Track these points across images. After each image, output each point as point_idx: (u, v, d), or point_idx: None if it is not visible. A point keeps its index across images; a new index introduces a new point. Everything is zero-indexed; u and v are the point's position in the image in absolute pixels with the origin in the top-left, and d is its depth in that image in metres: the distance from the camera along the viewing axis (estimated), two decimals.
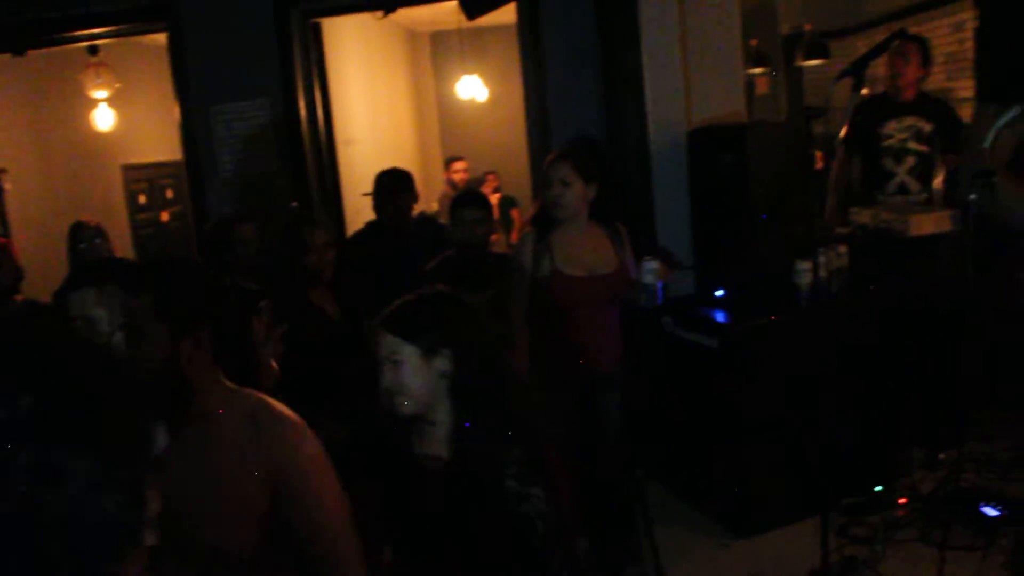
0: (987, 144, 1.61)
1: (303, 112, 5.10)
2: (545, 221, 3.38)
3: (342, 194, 5.66)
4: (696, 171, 4.04)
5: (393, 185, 4.31)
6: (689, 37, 4.22)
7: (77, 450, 0.64)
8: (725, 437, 3.73)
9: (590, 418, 3.41)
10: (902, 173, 4.71)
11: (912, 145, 4.65)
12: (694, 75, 4.24)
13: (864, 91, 7.41)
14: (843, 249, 3.82)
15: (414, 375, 1.90)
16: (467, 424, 1.90)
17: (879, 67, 4.71)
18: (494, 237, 7.18)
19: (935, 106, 4.72)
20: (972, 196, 1.69)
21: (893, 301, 3.90)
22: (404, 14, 8.20)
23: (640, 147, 4.17)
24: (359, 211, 6.27)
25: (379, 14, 5.45)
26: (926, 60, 4.69)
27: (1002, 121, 1.62)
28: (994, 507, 3.57)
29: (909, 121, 4.64)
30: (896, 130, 4.68)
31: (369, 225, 4.47)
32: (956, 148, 4.48)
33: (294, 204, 4.92)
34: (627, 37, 4.18)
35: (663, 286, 3.34)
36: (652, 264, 3.28)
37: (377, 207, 4.35)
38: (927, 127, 4.59)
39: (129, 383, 0.73)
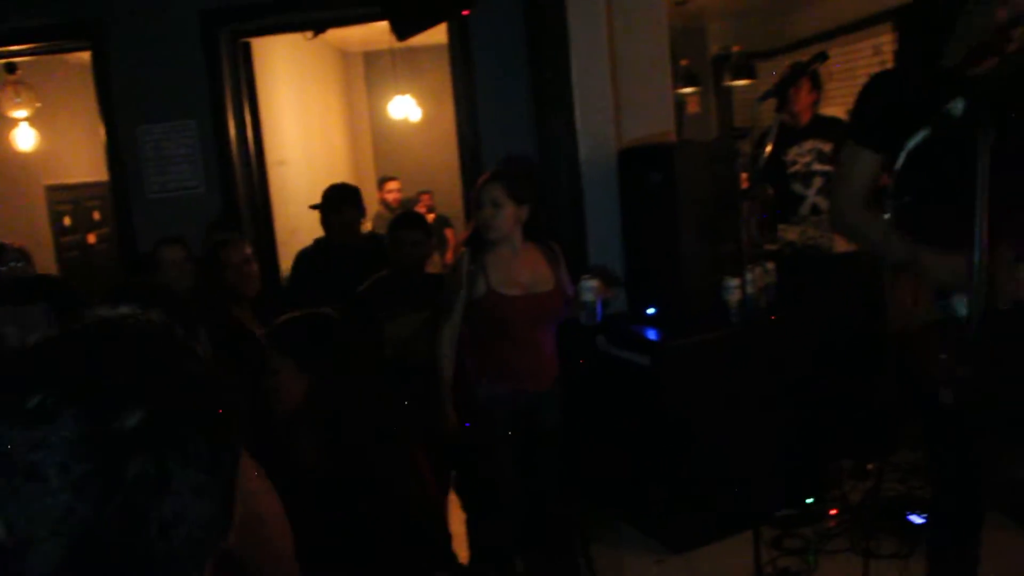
0: (899, 167, 1.65)
1: (233, 132, 5.03)
2: (479, 242, 3.36)
3: (273, 215, 5.59)
4: (626, 190, 4.07)
5: (340, 200, 4.30)
6: (619, 57, 4.27)
7: (184, 460, 0.71)
8: (659, 454, 3.76)
9: (528, 437, 3.40)
10: (812, 195, 4.82)
11: (817, 167, 4.77)
12: (624, 95, 4.29)
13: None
14: (771, 266, 3.89)
15: (289, 384, 2.17)
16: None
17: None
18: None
19: (830, 126, 4.85)
20: (886, 215, 1.73)
21: (819, 316, 3.98)
22: (336, 34, 8.17)
23: (571, 166, 4.20)
24: (293, 232, 6.21)
25: (309, 34, 5.42)
26: (815, 84, 4.83)
27: (912, 143, 1.66)
28: (919, 515, 3.65)
29: (809, 144, 4.77)
30: (799, 155, 4.80)
31: (317, 242, 4.46)
32: None
33: (211, 223, 4.85)
34: (557, 57, 4.21)
35: (603, 304, 3.33)
36: (591, 282, 3.27)
37: (325, 223, 4.33)
38: (827, 147, 4.71)
39: (223, 397, 0.79)
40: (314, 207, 4.36)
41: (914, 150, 1.73)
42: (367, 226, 8.07)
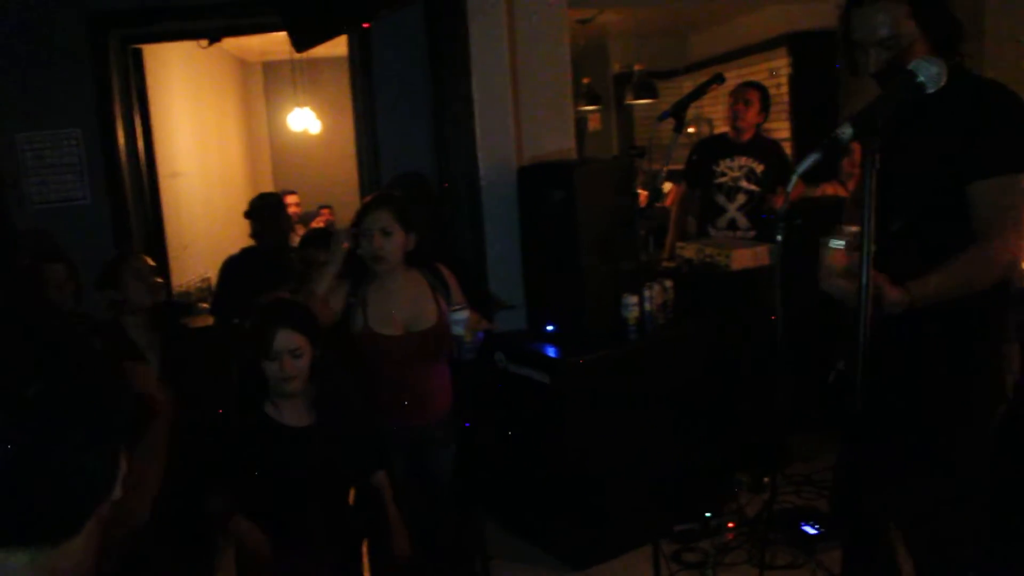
0: (789, 188, 1.68)
1: (122, 142, 4.84)
2: (359, 271, 3.14)
3: (165, 228, 5.40)
4: (526, 207, 4.07)
5: (274, 209, 4.28)
6: (520, 74, 4.27)
7: (73, 423, 0.89)
8: (558, 470, 3.74)
9: (420, 473, 3.27)
10: (732, 210, 4.95)
11: (743, 184, 4.91)
12: (525, 112, 4.29)
13: (691, 129, 7.76)
14: (669, 283, 3.93)
15: None
16: None
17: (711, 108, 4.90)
18: None
19: (769, 148, 5.01)
20: (778, 237, 1.75)
21: (716, 331, 4.04)
22: (235, 43, 7.99)
23: (470, 183, 4.17)
24: (185, 246, 6.03)
25: (204, 43, 5.27)
26: (765, 106, 4.99)
27: (802, 167, 1.69)
28: (812, 525, 3.73)
29: (743, 161, 4.90)
30: (729, 168, 4.93)
31: (244, 251, 4.40)
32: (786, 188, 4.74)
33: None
34: (458, 73, 4.19)
35: (483, 335, 3.19)
36: (461, 315, 3.06)
37: (257, 232, 4.28)
38: (759, 168, 4.85)
39: (112, 377, 0.97)
40: (248, 216, 4.32)
41: (804, 174, 1.75)
42: None
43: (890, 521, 2.41)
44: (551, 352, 3.74)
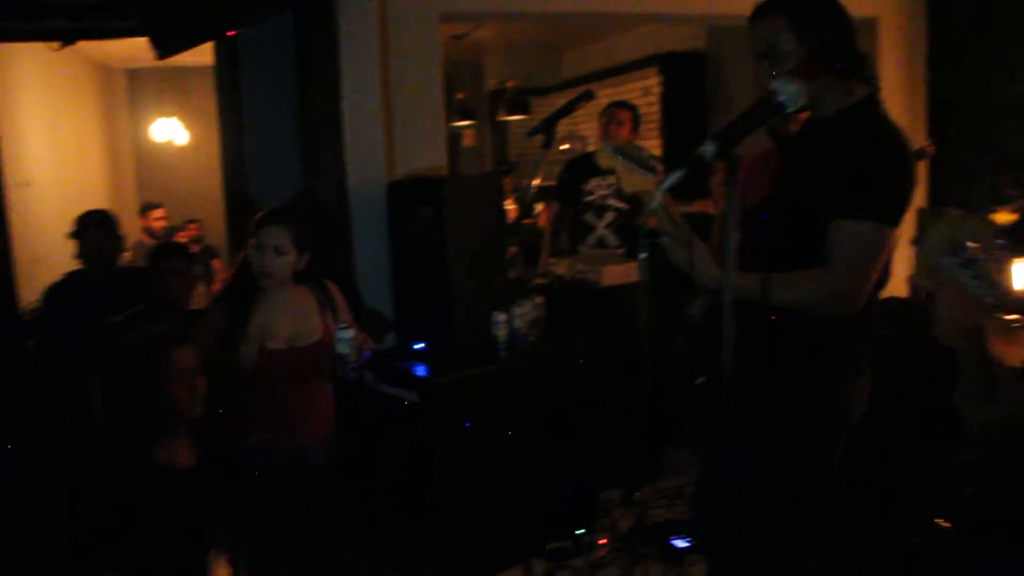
0: (653, 206, 1.68)
1: None
2: (245, 286, 3.14)
3: (12, 242, 5.08)
4: (396, 223, 4.00)
5: (99, 228, 4.04)
6: (392, 88, 4.20)
7: None
8: (427, 491, 3.68)
9: (299, 488, 3.23)
10: (601, 227, 4.99)
11: (612, 202, 4.96)
12: (396, 126, 4.23)
13: (565, 146, 7.83)
14: (540, 300, 3.92)
15: None
16: None
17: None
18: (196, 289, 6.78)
19: None
20: (642, 255, 1.75)
21: (588, 348, 4.05)
22: (96, 47, 7.62)
23: (339, 197, 4.08)
24: (36, 261, 5.70)
25: (55, 45, 5.00)
26: (636, 125, 5.06)
27: (665, 184, 1.68)
28: (682, 539, 3.78)
29: (613, 179, 4.94)
30: (599, 186, 4.98)
31: (70, 274, 4.14)
32: None
33: None
34: (328, 86, 4.09)
35: (369, 354, 3.21)
36: (346, 333, 3.10)
37: (84, 253, 4.04)
38: None
39: None
40: (72, 235, 4.07)
41: (674, 191, 1.75)
42: (126, 257, 7.58)
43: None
44: (420, 370, 3.68)
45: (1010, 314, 3.98)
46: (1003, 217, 3.57)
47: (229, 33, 4.44)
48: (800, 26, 2.17)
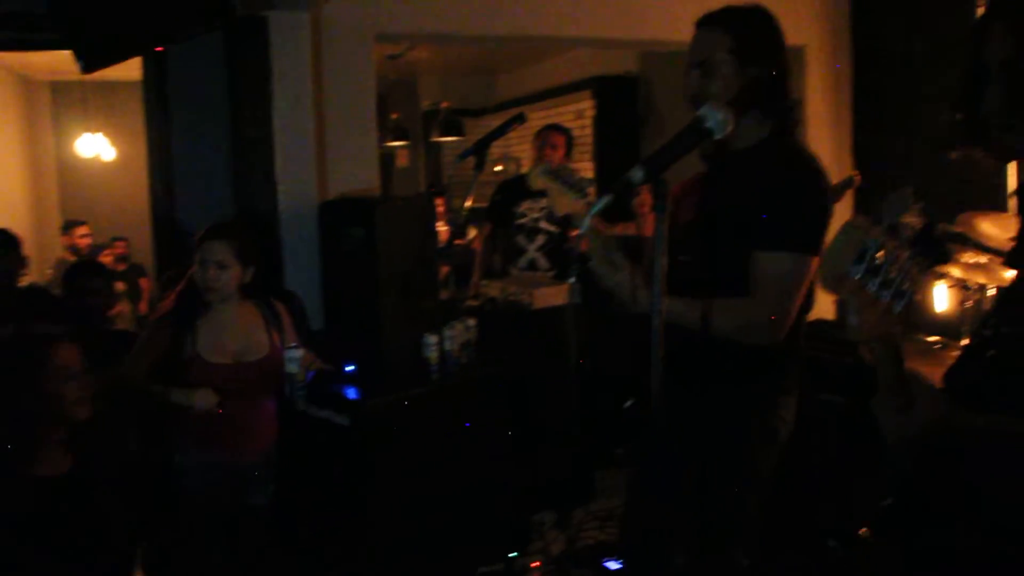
0: (582, 230, 1.68)
1: None
2: (192, 300, 3.14)
3: None
4: (327, 244, 3.96)
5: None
6: (325, 107, 4.16)
7: None
8: (361, 515, 3.63)
9: (233, 511, 3.19)
10: (532, 250, 5.01)
11: (544, 225, 4.99)
12: (329, 146, 4.19)
13: (499, 167, 7.83)
14: (472, 322, 3.91)
15: None
16: None
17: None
18: (120, 309, 6.64)
19: None
20: (572, 278, 1.75)
21: (519, 370, 4.05)
22: (17, 58, 7.44)
23: (269, 217, 4.01)
24: None
25: None
26: (570, 149, 5.09)
27: (594, 209, 1.69)
28: (615, 560, 3.78)
29: (544, 202, 4.96)
30: (530, 209, 5.00)
31: None
32: None
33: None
34: (259, 104, 4.03)
35: (312, 374, 3.21)
36: (296, 353, 3.13)
37: None
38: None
39: None
40: None
41: (601, 214, 1.75)
42: (47, 274, 7.36)
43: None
44: (351, 393, 3.64)
45: (931, 335, 4.10)
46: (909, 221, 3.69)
47: (157, 48, 4.36)
48: (742, 53, 2.20)
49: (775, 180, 2.16)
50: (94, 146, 8.23)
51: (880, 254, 1.24)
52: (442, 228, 4.84)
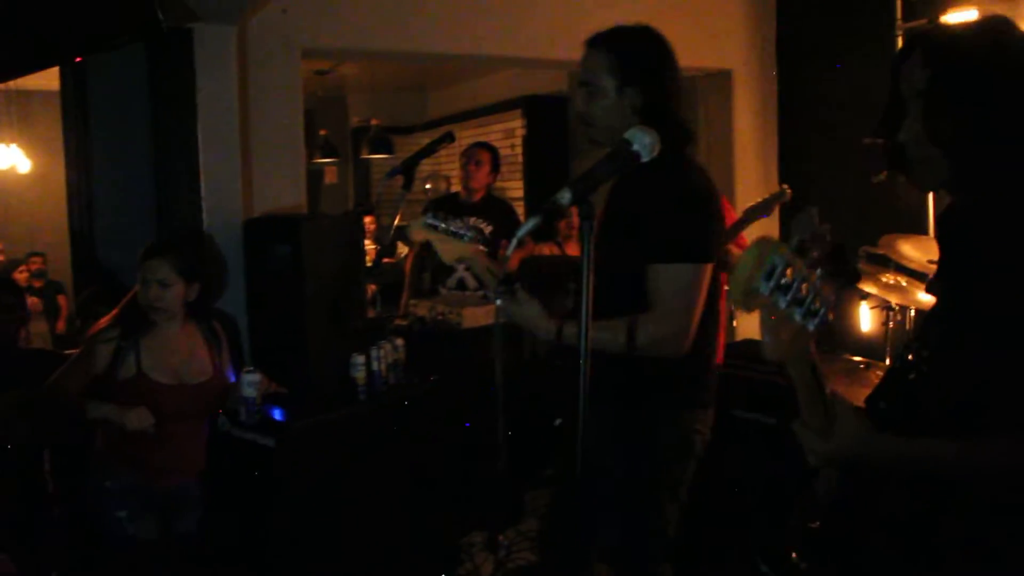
0: (509, 252, 1.67)
1: None
2: (134, 318, 3.10)
3: None
4: (252, 263, 3.88)
5: None
6: (251, 123, 4.09)
7: None
8: (285, 540, 3.55)
9: (164, 535, 3.14)
10: (462, 269, 4.98)
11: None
12: (255, 162, 4.12)
13: (428, 186, 7.80)
14: (400, 342, 3.87)
15: None
16: None
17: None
18: (36, 328, 6.43)
19: (499, 209, 5.11)
20: (498, 302, 1.74)
21: (448, 390, 4.01)
22: None
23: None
24: None
25: None
26: (495, 166, 5.10)
27: (522, 231, 1.68)
28: None
29: (472, 221, 4.94)
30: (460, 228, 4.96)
31: None
32: None
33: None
34: (183, 118, 3.94)
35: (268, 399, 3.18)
36: (253, 377, 3.10)
37: None
38: (488, 228, 4.91)
39: None
40: None
41: (524, 237, 1.74)
42: None
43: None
44: (277, 415, 3.56)
45: (855, 355, 4.19)
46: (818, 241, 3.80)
47: (76, 59, 4.24)
48: (623, 73, 2.27)
49: (664, 194, 2.22)
50: (8, 158, 7.96)
51: (789, 271, 1.25)
52: (370, 247, 4.79)
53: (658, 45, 2.34)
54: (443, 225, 2.38)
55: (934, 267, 1.68)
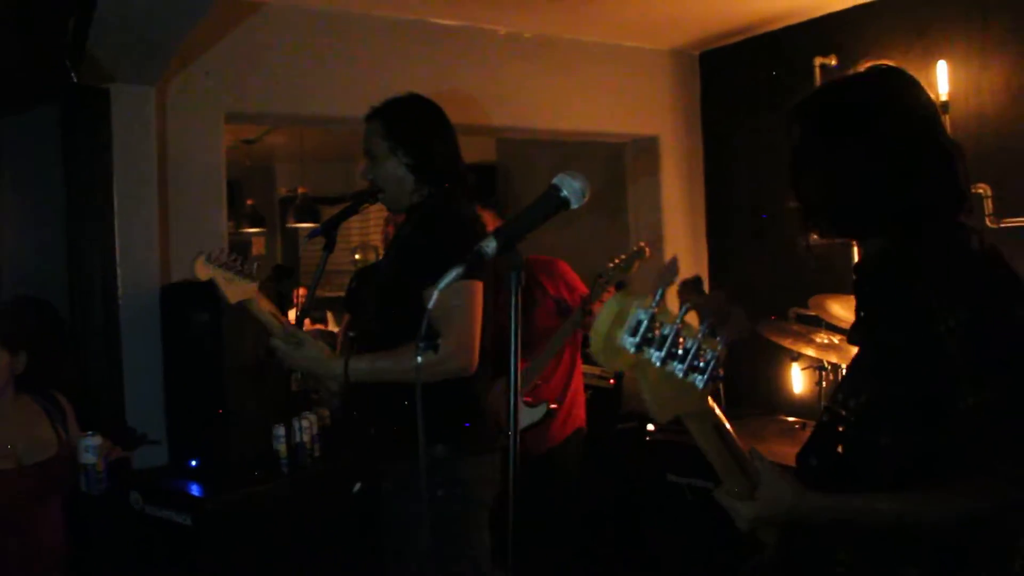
0: (430, 305, 1.59)
1: None
2: None
3: None
4: (170, 331, 3.72)
5: None
6: (170, 185, 3.96)
7: None
8: None
9: None
10: None
11: None
12: (174, 228, 3.97)
13: (357, 256, 7.66)
14: (325, 412, 3.74)
15: None
16: None
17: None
18: None
19: None
20: (419, 358, 1.66)
21: (373, 462, 3.87)
22: None
23: (107, 303, 3.74)
24: None
25: None
26: None
27: (445, 281, 1.61)
28: None
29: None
30: None
31: None
32: None
33: None
34: (98, 182, 3.79)
35: (112, 465, 2.97)
36: (92, 441, 2.89)
37: None
38: None
39: None
40: None
41: (446, 288, 1.66)
42: None
43: None
44: (194, 490, 3.39)
45: (790, 416, 4.17)
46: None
47: None
48: (392, 137, 2.58)
49: (426, 229, 2.52)
50: None
51: (658, 325, 1.17)
52: (293, 316, 4.64)
53: (422, 109, 2.67)
54: (229, 263, 2.48)
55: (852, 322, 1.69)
